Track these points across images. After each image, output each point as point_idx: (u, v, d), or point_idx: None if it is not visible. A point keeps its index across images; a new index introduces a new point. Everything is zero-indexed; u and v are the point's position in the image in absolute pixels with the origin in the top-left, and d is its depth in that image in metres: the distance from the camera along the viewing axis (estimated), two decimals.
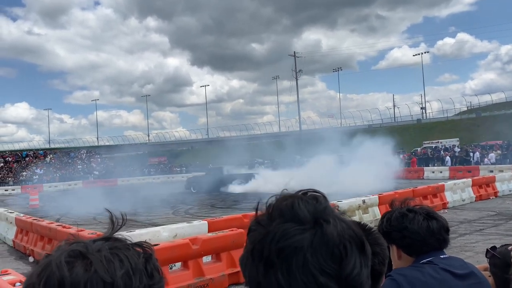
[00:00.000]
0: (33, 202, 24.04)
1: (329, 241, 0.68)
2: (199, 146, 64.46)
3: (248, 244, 0.74)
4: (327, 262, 0.67)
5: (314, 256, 0.67)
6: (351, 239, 0.70)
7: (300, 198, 0.74)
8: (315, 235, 0.68)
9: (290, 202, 0.73)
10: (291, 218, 0.71)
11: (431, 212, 1.74)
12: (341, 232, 0.69)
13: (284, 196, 0.76)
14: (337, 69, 66.15)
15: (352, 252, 0.69)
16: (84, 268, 0.63)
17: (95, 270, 0.63)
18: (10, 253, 11.05)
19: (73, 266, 0.63)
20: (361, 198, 11.98)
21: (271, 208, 0.75)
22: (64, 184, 44.46)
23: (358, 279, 0.68)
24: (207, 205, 19.98)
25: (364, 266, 0.70)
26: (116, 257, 0.66)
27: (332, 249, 0.67)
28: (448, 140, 37.06)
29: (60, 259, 0.64)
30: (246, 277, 0.73)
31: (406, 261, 1.70)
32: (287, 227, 0.69)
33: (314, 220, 0.70)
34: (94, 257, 0.65)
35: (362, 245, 0.71)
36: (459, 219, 11.92)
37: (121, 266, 0.65)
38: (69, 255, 0.65)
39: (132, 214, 17.62)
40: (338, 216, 0.73)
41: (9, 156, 58.20)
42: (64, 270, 0.62)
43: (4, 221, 13.05)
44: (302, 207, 0.71)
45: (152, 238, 7.46)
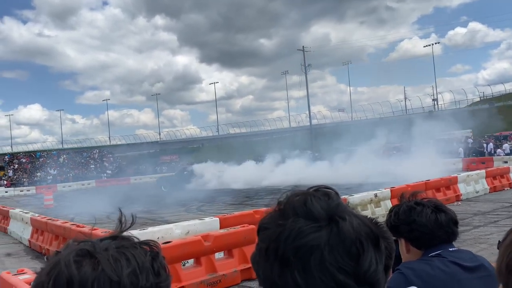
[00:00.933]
0: (48, 202, 24.40)
1: (346, 238, 0.67)
2: (209, 143, 64.65)
3: (260, 242, 0.73)
4: (344, 260, 0.66)
5: (331, 254, 0.66)
6: (367, 236, 0.70)
7: (312, 194, 0.73)
8: (331, 233, 0.68)
9: (302, 199, 0.72)
10: (305, 215, 0.70)
11: (440, 205, 1.73)
12: (357, 229, 0.69)
13: (295, 193, 0.75)
14: (347, 62, 65.79)
15: (368, 248, 0.69)
16: (91, 267, 0.65)
17: (102, 269, 0.65)
18: (26, 252, 11.24)
19: (81, 265, 0.65)
20: (373, 192, 11.91)
21: (282, 205, 0.74)
22: (78, 184, 45.06)
23: (375, 276, 0.68)
24: (219, 202, 20.07)
25: (379, 262, 0.70)
26: (123, 255, 0.67)
27: (349, 247, 0.67)
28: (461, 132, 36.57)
29: (68, 258, 0.66)
30: (260, 276, 0.72)
31: (415, 255, 1.69)
32: (302, 225, 0.69)
33: (329, 217, 0.69)
34: (101, 256, 0.66)
35: (377, 241, 0.71)
36: (473, 211, 11.79)
37: (128, 265, 0.66)
38: (77, 254, 0.67)
39: (145, 211, 17.78)
40: (353, 213, 0.73)
41: (23, 157, 59.09)
42: (73, 268, 0.64)
43: (20, 221, 13.28)
44: (316, 204, 0.71)
45: (164, 235, 7.52)
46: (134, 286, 0.66)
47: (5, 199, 34.45)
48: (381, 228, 1.37)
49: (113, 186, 39.94)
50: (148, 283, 0.67)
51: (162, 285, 0.71)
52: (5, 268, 9.01)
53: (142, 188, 32.61)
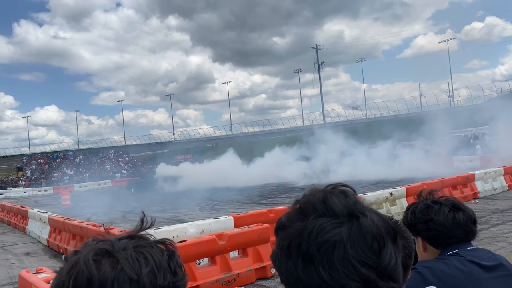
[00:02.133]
0: (65, 202, 24.80)
1: (367, 233, 0.70)
2: (223, 143, 64.85)
3: (281, 240, 0.75)
4: (366, 254, 0.68)
5: (353, 248, 0.68)
6: (386, 231, 0.72)
7: (331, 192, 0.75)
8: (352, 228, 0.70)
9: (321, 196, 0.74)
10: (325, 212, 0.72)
11: (457, 204, 1.70)
12: (377, 224, 0.72)
13: (314, 191, 0.77)
14: (361, 59, 65.24)
15: (388, 243, 0.71)
16: (111, 266, 0.66)
17: (121, 268, 0.66)
18: (44, 251, 11.44)
19: (101, 264, 0.66)
20: (388, 190, 11.80)
21: (301, 203, 0.76)
22: (94, 184, 45.68)
23: (395, 269, 0.71)
24: (233, 201, 20.13)
25: (398, 257, 0.73)
26: (141, 255, 0.69)
27: (371, 241, 0.69)
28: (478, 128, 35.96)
29: (88, 257, 0.67)
30: (282, 273, 0.74)
31: (432, 253, 1.66)
32: (324, 222, 0.71)
33: (349, 213, 0.71)
34: (120, 255, 0.68)
35: (395, 236, 0.74)
36: (491, 209, 11.59)
37: (146, 264, 0.68)
38: (96, 253, 0.68)
39: (160, 211, 17.95)
40: (371, 209, 0.75)
41: (41, 158, 60.14)
42: (92, 268, 0.65)
43: (38, 221, 13.52)
44: (335, 201, 0.73)
45: (179, 234, 7.56)
46: (152, 285, 0.67)
47: (24, 199, 35.14)
48: (400, 227, 1.35)
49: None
50: (166, 282, 0.69)
51: (179, 284, 0.72)
52: (24, 267, 9.19)
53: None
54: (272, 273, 7.12)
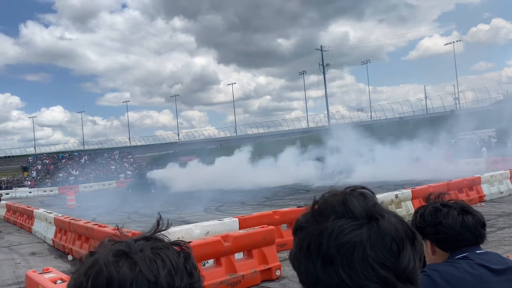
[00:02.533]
0: (70, 202, 24.91)
1: (386, 235, 0.71)
2: (227, 144, 64.89)
3: (300, 240, 0.76)
4: (385, 256, 0.69)
5: (372, 250, 0.69)
6: (405, 233, 0.73)
7: (350, 194, 0.76)
8: (371, 230, 0.71)
9: (341, 198, 0.76)
10: (345, 214, 0.73)
11: (466, 207, 1.69)
12: (396, 227, 0.72)
13: (333, 193, 0.78)
14: (366, 61, 65.11)
15: (407, 246, 0.72)
16: (129, 268, 0.66)
17: (140, 269, 0.66)
18: (50, 251, 11.49)
19: (119, 265, 0.66)
20: (393, 193, 11.77)
21: (319, 205, 0.77)
22: (99, 184, 45.83)
23: (414, 272, 0.71)
24: (237, 202, 20.13)
25: (417, 259, 0.73)
26: (158, 256, 0.69)
27: (390, 243, 0.70)
28: (484, 131, 35.77)
29: (107, 257, 0.67)
30: (301, 273, 0.75)
31: (441, 257, 1.66)
32: (343, 223, 0.72)
33: (368, 215, 0.72)
34: (138, 256, 0.68)
35: (414, 239, 0.74)
36: (497, 212, 11.52)
37: (164, 266, 0.68)
38: (114, 255, 0.68)
39: (164, 212, 17.97)
40: (390, 211, 0.76)
41: (46, 158, 60.46)
42: (112, 268, 0.65)
43: (44, 221, 13.59)
44: (355, 202, 0.74)
45: (184, 235, 7.58)
46: (170, 286, 0.67)
47: (29, 199, 35.32)
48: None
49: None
50: (183, 284, 0.69)
51: (195, 286, 0.72)
52: (30, 266, 9.24)
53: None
54: (277, 275, 7.12)
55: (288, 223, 9.40)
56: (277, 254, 7.39)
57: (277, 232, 8.59)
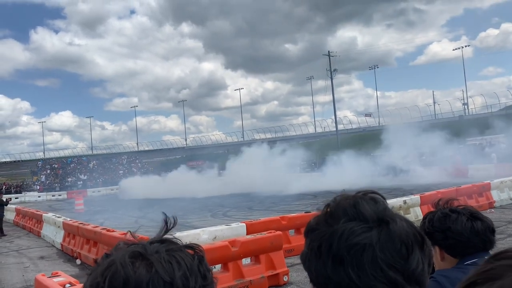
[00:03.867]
0: (79, 206, 25.05)
1: (396, 238, 0.73)
2: (235, 149, 64.96)
3: (311, 241, 0.79)
4: (394, 258, 0.72)
5: (382, 252, 0.72)
6: (414, 237, 0.75)
7: (361, 198, 0.79)
8: (381, 233, 0.74)
9: (352, 202, 0.78)
10: (356, 216, 0.76)
11: (475, 213, 1.69)
12: (405, 230, 0.75)
13: (345, 197, 0.81)
14: (374, 66, 64.94)
15: (416, 249, 0.74)
16: (145, 269, 0.68)
17: (156, 270, 0.68)
18: (59, 255, 11.57)
19: (136, 266, 0.68)
20: (402, 199, 11.70)
21: (332, 208, 0.80)
22: (107, 189, 46.05)
23: (422, 274, 0.74)
24: (245, 207, 20.12)
25: (425, 263, 0.75)
26: (173, 258, 0.71)
27: (399, 246, 0.73)
28: (493, 137, 35.45)
29: (124, 258, 0.69)
30: (312, 272, 0.78)
31: (450, 263, 1.65)
32: (354, 225, 0.75)
33: (379, 219, 0.75)
34: (154, 258, 0.70)
35: (423, 243, 0.76)
36: (507, 219, 11.39)
37: (179, 268, 0.70)
38: (130, 256, 0.70)
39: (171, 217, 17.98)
40: (400, 216, 0.79)
41: (55, 163, 60.92)
42: (129, 269, 0.67)
43: (52, 225, 13.69)
44: (366, 206, 0.77)
45: (192, 240, 7.58)
46: (185, 287, 0.69)
47: (38, 204, 35.59)
48: None
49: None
50: (197, 285, 0.70)
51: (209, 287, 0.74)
52: (39, 270, 9.30)
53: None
54: (284, 281, 7.09)
55: (295, 228, 9.37)
56: (284, 260, 7.37)
57: (285, 237, 8.57)
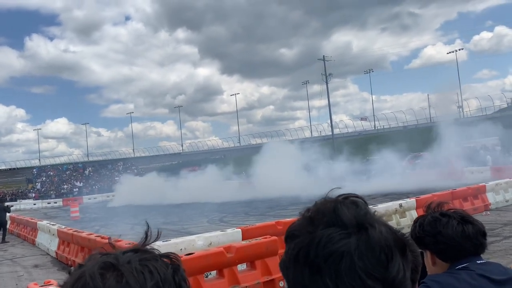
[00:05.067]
0: (74, 214, 24.90)
1: (375, 245, 0.69)
2: (231, 154, 64.92)
3: (289, 249, 0.75)
4: (374, 266, 0.68)
5: (361, 260, 0.68)
6: (395, 243, 0.71)
7: (342, 202, 0.75)
8: (360, 240, 0.69)
9: (332, 206, 0.74)
10: (335, 222, 0.72)
11: (466, 216, 1.67)
12: (385, 236, 0.71)
13: (325, 201, 0.77)
14: (369, 70, 65.24)
15: (396, 256, 0.70)
16: (116, 280, 0.65)
17: (126, 281, 0.65)
18: (53, 264, 11.46)
19: (106, 277, 0.65)
20: (398, 202, 11.69)
21: (312, 212, 0.76)
22: (103, 196, 45.80)
23: (403, 282, 0.70)
24: (241, 213, 20.05)
25: (407, 270, 0.72)
26: (146, 268, 0.68)
27: (379, 253, 0.69)
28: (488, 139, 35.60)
29: (93, 270, 0.66)
30: (289, 281, 0.74)
31: (441, 267, 1.63)
32: (332, 232, 0.70)
33: (358, 224, 0.71)
34: (125, 268, 0.67)
35: (404, 249, 0.73)
36: (503, 221, 11.40)
37: (151, 278, 0.67)
38: (101, 267, 0.67)
39: (168, 223, 17.93)
40: (380, 220, 0.75)
41: (50, 170, 60.63)
42: (98, 281, 0.65)
43: (47, 233, 13.58)
44: (345, 211, 0.73)
45: (187, 246, 7.54)
46: None
47: (33, 211, 35.36)
48: (407, 239, 1.34)
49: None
50: None
51: None
52: (33, 279, 9.21)
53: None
54: (280, 286, 7.05)
55: None
56: None
57: (280, 242, 8.52)
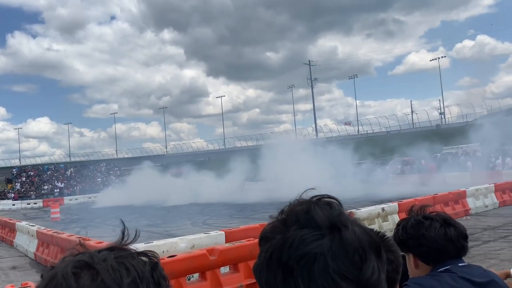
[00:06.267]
0: (54, 215, 24.45)
1: (349, 246, 0.68)
2: (216, 157, 64.72)
3: (263, 251, 0.73)
4: (347, 267, 0.66)
5: (334, 261, 0.66)
6: (369, 244, 0.70)
7: (315, 203, 0.74)
8: (333, 241, 0.68)
9: (305, 207, 0.73)
10: (308, 223, 0.71)
11: (449, 219, 1.69)
12: (359, 237, 0.70)
13: (298, 202, 0.76)
14: (353, 76, 65.95)
15: (371, 256, 0.69)
16: (91, 278, 0.63)
17: (102, 279, 0.63)
18: (31, 266, 11.22)
19: (80, 277, 0.63)
20: (380, 206, 11.81)
21: (285, 214, 0.75)
22: (84, 197, 45.14)
23: (378, 283, 0.69)
24: (225, 215, 19.98)
25: (382, 271, 0.71)
26: (122, 265, 0.66)
27: (352, 254, 0.68)
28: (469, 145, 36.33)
29: (66, 270, 0.64)
30: (262, 285, 0.72)
31: (423, 270, 1.64)
32: (305, 233, 0.69)
33: (331, 225, 0.70)
34: (101, 266, 0.65)
35: (379, 250, 0.72)
36: (482, 226, 11.62)
37: (128, 275, 0.65)
38: (75, 266, 0.65)
39: (150, 225, 17.75)
40: (355, 221, 0.74)
41: (31, 170, 59.45)
42: (71, 281, 0.62)
43: (26, 234, 13.29)
44: (318, 212, 0.72)
45: (169, 249, 7.47)
46: None
47: (13, 212, 34.59)
48: (388, 241, 1.35)
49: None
50: None
51: None
52: (10, 281, 8.99)
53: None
54: None
55: None
56: None
57: None
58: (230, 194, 27.70)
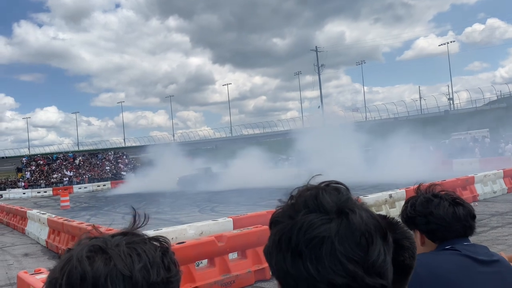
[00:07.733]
0: (64, 203, 24.78)
1: (355, 229, 0.70)
2: (223, 145, 64.86)
3: (273, 235, 0.76)
4: (354, 250, 0.69)
5: (341, 244, 0.69)
6: (375, 228, 0.72)
7: (323, 189, 0.76)
8: (341, 224, 0.71)
9: (314, 192, 0.76)
10: (316, 208, 0.73)
11: (457, 198, 1.70)
12: (366, 221, 0.72)
13: (307, 187, 0.78)
14: (361, 61, 65.37)
15: (377, 240, 0.71)
16: (104, 263, 0.67)
17: (114, 264, 0.67)
18: (43, 253, 11.42)
19: (94, 261, 0.67)
20: (387, 193, 11.79)
21: (294, 199, 0.77)
22: (93, 185, 45.64)
23: (383, 266, 0.71)
24: (233, 203, 20.10)
25: (387, 254, 0.73)
26: (134, 251, 0.70)
27: (359, 238, 0.70)
28: (478, 131, 36.05)
29: (81, 254, 0.68)
30: (272, 266, 0.75)
31: (429, 247, 1.67)
32: (313, 217, 0.72)
33: (339, 210, 0.72)
34: (113, 251, 0.69)
35: (385, 234, 0.74)
36: (490, 212, 11.58)
37: (139, 260, 0.69)
38: (89, 250, 0.69)
39: (159, 212, 17.93)
40: (362, 206, 0.76)
41: (40, 159, 60.06)
42: (86, 264, 0.66)
43: (37, 222, 13.50)
44: (326, 197, 0.74)
45: (178, 236, 7.55)
46: (145, 281, 0.68)
47: (23, 201, 35.12)
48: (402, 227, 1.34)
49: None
50: (159, 278, 0.70)
51: (173, 280, 0.73)
52: (22, 268, 9.16)
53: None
54: (271, 275, 7.10)
55: None
56: None
57: None
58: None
